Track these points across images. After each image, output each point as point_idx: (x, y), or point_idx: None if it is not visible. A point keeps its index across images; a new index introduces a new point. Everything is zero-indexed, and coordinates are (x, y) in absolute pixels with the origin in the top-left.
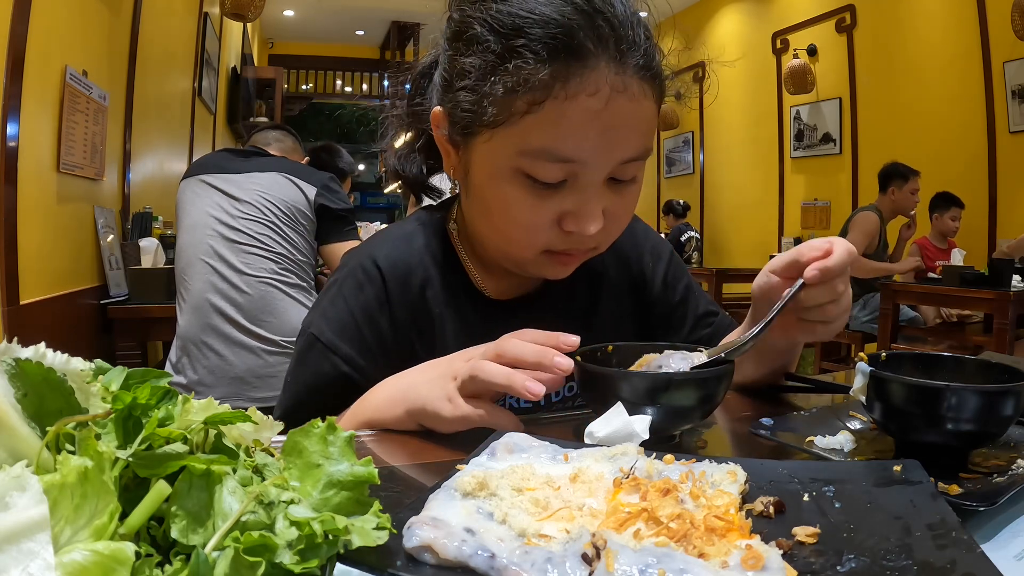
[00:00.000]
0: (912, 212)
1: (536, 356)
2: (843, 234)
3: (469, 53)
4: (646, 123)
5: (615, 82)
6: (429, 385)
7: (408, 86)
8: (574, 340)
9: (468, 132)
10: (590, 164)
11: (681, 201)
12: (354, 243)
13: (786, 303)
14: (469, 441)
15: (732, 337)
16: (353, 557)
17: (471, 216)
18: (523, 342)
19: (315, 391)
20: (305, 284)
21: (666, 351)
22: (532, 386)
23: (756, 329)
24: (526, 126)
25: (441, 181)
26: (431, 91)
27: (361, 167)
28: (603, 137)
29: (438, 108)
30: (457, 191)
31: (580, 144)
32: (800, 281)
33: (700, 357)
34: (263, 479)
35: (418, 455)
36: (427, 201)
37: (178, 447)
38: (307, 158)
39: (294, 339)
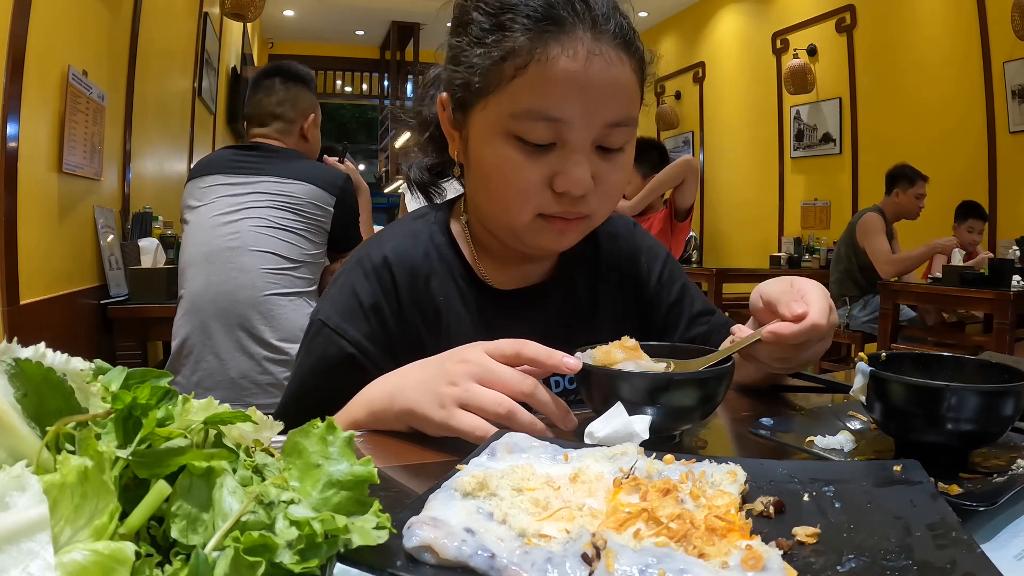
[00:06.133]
0: (915, 217)
1: (516, 386)
2: (848, 237)
3: (465, 35)
4: (626, 89)
5: (592, 46)
6: (416, 389)
7: (411, 89)
8: (575, 365)
9: (466, 106)
10: (575, 124)
11: None
12: None
13: (736, 350)
14: (459, 443)
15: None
16: (353, 557)
17: (473, 192)
18: (503, 368)
19: (321, 375)
20: (308, 290)
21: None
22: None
23: (713, 360)
24: (514, 89)
25: (450, 186)
26: (438, 90)
27: (361, 167)
28: (584, 96)
29: (443, 93)
30: (461, 192)
31: (563, 102)
32: (759, 335)
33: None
34: (263, 479)
35: (404, 456)
36: (421, 205)
37: (178, 443)
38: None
39: (292, 345)
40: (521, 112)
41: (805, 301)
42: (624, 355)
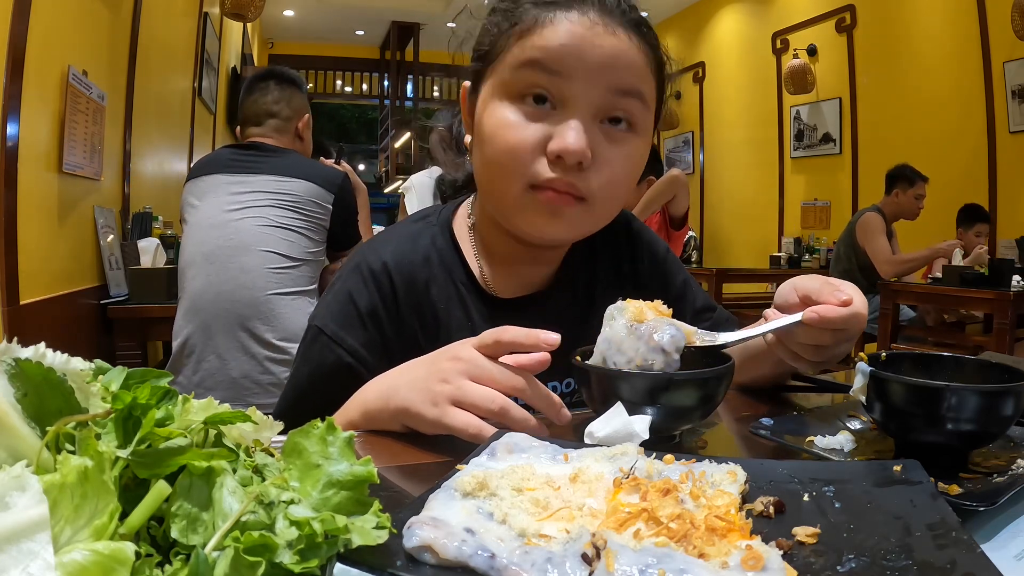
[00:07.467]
0: (914, 217)
1: (507, 382)
2: (848, 237)
3: (487, 16)
4: (631, 61)
5: (597, 20)
6: (410, 388)
7: (411, 89)
8: (554, 339)
9: (479, 79)
10: (573, 81)
11: None
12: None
13: (774, 328)
14: (456, 443)
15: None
16: (353, 557)
17: (476, 171)
18: (495, 365)
19: (318, 381)
20: (309, 288)
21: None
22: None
23: (740, 335)
24: (518, 49)
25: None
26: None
27: (361, 167)
28: (585, 58)
29: (466, 82)
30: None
31: (562, 56)
32: (799, 316)
33: (684, 335)
34: (263, 479)
35: (402, 457)
36: (421, 205)
37: (178, 443)
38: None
39: (294, 344)
40: (520, 63)
41: (845, 293)
42: (654, 315)
